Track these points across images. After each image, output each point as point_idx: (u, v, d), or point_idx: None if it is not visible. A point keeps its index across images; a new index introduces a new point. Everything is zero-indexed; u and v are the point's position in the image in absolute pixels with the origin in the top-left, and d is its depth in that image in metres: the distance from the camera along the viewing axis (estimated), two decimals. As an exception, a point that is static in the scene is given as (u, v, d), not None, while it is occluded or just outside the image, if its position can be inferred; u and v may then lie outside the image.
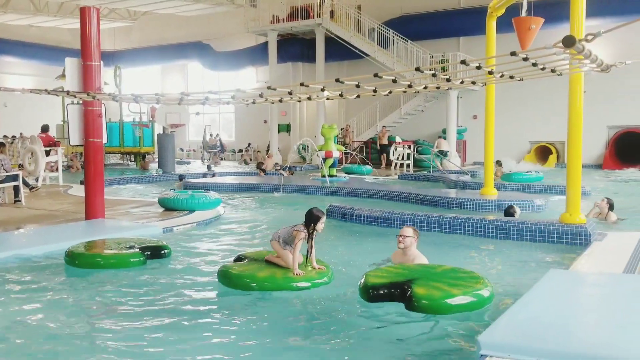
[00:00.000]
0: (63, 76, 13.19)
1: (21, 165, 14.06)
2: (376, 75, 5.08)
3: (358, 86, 5.69)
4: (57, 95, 8.02)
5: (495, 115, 10.81)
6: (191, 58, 30.99)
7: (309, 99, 6.79)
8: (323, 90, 5.88)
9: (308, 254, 5.29)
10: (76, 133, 8.65)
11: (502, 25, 10.85)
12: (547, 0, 17.05)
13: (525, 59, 4.44)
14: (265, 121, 28.17)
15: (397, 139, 21.30)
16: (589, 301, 4.44)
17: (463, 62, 4.86)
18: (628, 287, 4.69)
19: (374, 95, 6.37)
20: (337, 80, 5.41)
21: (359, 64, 24.41)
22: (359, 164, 19.70)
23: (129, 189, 14.82)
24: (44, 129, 18.42)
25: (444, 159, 20.25)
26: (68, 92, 7.83)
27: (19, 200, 10.96)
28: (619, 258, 6.00)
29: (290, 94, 6.22)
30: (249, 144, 30.13)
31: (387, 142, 21.99)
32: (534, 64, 4.61)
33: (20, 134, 23.34)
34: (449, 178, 15.42)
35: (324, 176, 14.88)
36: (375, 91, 6.12)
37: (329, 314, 4.55)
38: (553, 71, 5.17)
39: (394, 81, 5.34)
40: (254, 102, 6.79)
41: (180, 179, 14.55)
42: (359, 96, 6.42)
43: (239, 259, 5.74)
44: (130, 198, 12.33)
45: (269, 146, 25.97)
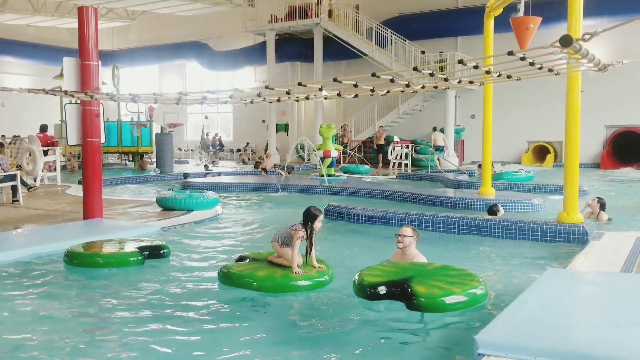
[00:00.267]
0: (61, 76, 13.16)
1: (19, 166, 14.03)
2: (374, 74, 5.09)
3: (356, 86, 5.70)
4: (55, 95, 8.01)
5: (493, 115, 10.84)
6: (189, 58, 30.96)
7: (307, 98, 6.80)
8: (321, 89, 5.89)
9: (307, 252, 5.29)
10: (74, 133, 8.65)
11: (499, 24, 10.87)
12: (545, 0, 17.09)
13: (523, 58, 4.46)
14: (264, 121, 28.16)
15: (395, 138, 21.28)
16: (586, 300, 4.44)
17: (460, 61, 4.88)
18: (625, 286, 4.70)
19: (372, 95, 6.38)
20: (335, 80, 5.42)
21: (356, 63, 24.44)
22: (357, 163, 19.73)
23: (126, 189, 14.81)
24: (43, 128, 18.42)
25: (440, 156, 20.13)
26: (66, 92, 7.83)
27: (17, 200, 10.95)
28: (616, 257, 6.02)
29: (288, 93, 6.23)
30: (247, 143, 30.13)
31: (384, 142, 22.00)
32: (532, 64, 4.62)
33: (14, 136, 23.07)
34: (447, 177, 15.44)
35: (322, 176, 14.89)
36: (373, 91, 6.13)
37: (329, 313, 4.56)
38: (550, 71, 5.19)
39: (392, 81, 5.35)
40: (252, 102, 6.80)
41: (185, 177, 14.58)
42: (356, 96, 6.43)
43: (241, 259, 5.74)
44: (128, 198, 12.33)
45: (267, 146, 25.97)
